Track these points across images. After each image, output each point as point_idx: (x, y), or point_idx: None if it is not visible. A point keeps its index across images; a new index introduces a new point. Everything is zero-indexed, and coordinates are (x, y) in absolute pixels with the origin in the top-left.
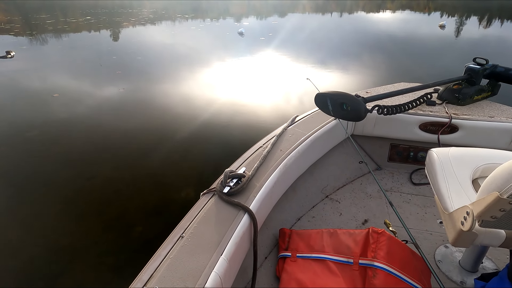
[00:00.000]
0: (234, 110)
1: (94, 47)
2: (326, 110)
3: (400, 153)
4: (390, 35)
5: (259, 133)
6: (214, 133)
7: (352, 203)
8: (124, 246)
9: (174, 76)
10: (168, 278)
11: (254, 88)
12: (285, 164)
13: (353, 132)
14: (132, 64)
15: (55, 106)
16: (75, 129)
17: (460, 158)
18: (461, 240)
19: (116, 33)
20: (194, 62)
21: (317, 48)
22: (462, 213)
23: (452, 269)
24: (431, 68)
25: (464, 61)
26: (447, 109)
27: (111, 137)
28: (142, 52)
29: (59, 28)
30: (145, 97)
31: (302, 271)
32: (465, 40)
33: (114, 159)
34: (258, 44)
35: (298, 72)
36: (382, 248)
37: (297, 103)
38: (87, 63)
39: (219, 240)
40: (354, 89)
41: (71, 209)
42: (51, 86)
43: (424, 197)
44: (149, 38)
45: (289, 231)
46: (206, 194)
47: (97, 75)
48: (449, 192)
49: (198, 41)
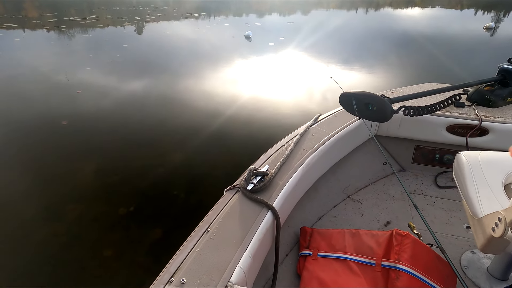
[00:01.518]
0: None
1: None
2: (350, 110)
3: (425, 155)
4: (418, 32)
5: (283, 130)
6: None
7: (374, 204)
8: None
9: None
10: (194, 271)
11: (276, 86)
12: (307, 163)
13: (377, 133)
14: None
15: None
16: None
17: (491, 162)
18: (492, 247)
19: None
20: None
21: (341, 47)
22: (493, 219)
23: (480, 275)
24: (461, 69)
25: (499, 62)
26: (477, 111)
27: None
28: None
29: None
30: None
31: (323, 270)
32: (501, 39)
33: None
34: (260, 52)
35: (320, 71)
36: (406, 250)
37: (320, 100)
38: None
39: (243, 236)
40: (379, 89)
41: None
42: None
43: (450, 200)
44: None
45: (310, 229)
46: (230, 190)
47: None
48: (479, 197)
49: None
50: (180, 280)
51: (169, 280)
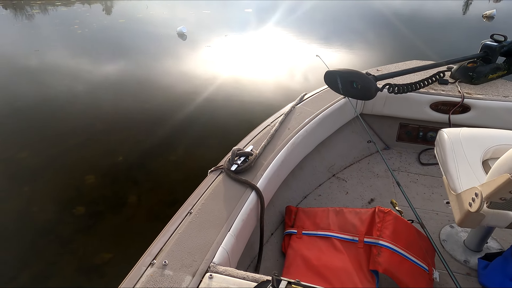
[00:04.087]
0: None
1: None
2: (335, 88)
3: (409, 133)
4: (394, 11)
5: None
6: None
7: (358, 182)
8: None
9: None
10: (176, 252)
11: (257, 65)
12: (292, 142)
13: (362, 111)
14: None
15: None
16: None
17: (471, 139)
18: (468, 221)
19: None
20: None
21: (320, 25)
22: (470, 194)
23: (456, 248)
24: (440, 46)
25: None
26: (459, 88)
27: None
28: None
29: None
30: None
31: (308, 247)
32: (473, 17)
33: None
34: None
35: (301, 50)
36: (387, 227)
37: (301, 80)
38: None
39: (226, 217)
40: (361, 68)
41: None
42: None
43: (432, 177)
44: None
45: (295, 208)
46: (213, 171)
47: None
48: (458, 173)
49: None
50: (162, 262)
51: (151, 262)
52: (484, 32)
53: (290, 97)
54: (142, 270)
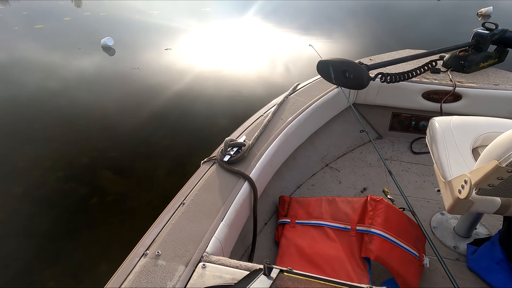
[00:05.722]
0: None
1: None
2: (328, 77)
3: (402, 122)
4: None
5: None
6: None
7: (351, 172)
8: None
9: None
10: (169, 243)
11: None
12: (285, 133)
13: (355, 101)
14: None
15: None
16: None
17: (462, 127)
18: (457, 208)
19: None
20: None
21: (298, 15)
22: (460, 182)
23: (447, 235)
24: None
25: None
26: (451, 77)
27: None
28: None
29: None
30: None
31: (301, 236)
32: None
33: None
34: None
35: (284, 40)
36: (379, 215)
37: (283, 72)
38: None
39: (219, 207)
40: (353, 56)
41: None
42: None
43: (424, 166)
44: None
45: (288, 198)
46: (206, 162)
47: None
48: (449, 161)
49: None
50: (155, 252)
51: (144, 252)
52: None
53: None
54: (135, 261)
